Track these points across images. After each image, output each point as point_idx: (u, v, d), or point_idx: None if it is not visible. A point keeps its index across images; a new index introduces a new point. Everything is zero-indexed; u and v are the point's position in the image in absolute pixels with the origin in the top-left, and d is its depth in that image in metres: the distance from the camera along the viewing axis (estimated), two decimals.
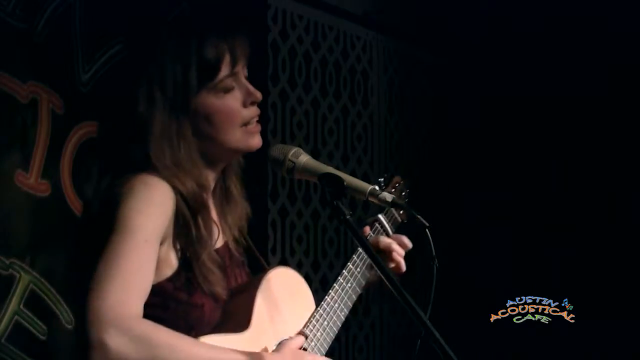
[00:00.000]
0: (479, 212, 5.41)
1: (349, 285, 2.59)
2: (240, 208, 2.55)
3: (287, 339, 2.37)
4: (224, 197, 2.52)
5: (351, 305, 2.57)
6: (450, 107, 5.83)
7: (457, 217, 5.47)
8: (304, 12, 5.11)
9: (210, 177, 2.46)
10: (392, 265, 2.66)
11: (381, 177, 2.76)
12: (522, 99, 5.50)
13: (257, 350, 2.31)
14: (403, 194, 2.89)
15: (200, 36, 2.39)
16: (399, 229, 2.80)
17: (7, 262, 3.60)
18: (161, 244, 2.28)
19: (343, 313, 2.54)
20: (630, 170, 5.21)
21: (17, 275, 3.61)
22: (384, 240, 2.68)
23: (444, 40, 5.72)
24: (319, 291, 2.58)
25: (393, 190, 2.85)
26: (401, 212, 2.82)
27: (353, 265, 2.63)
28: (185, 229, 2.32)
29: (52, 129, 3.76)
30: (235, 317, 2.36)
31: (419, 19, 5.68)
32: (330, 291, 2.55)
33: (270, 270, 2.48)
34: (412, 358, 2.31)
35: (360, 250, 2.63)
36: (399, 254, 2.66)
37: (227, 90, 2.38)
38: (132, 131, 2.36)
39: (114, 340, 2.07)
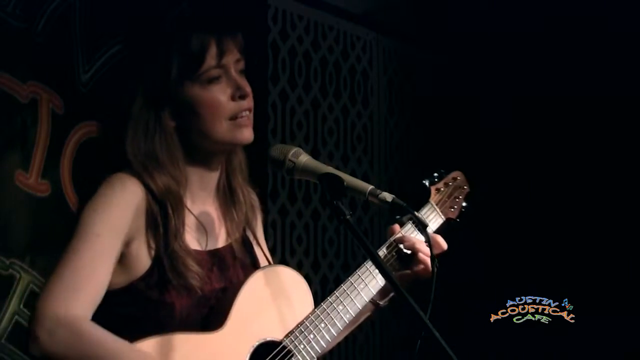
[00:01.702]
0: (479, 211, 5.39)
1: (362, 286, 2.52)
2: (247, 210, 2.55)
3: None
4: (229, 198, 2.53)
5: (360, 308, 2.51)
6: (450, 107, 5.83)
7: (457, 217, 5.45)
8: (304, 12, 5.11)
9: (210, 171, 2.47)
10: (420, 267, 2.54)
11: (436, 172, 2.76)
12: (522, 98, 5.50)
13: (226, 349, 2.31)
14: (462, 189, 2.81)
15: (186, 29, 2.41)
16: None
17: (7, 262, 3.60)
18: (129, 242, 2.33)
19: (348, 315, 2.49)
20: (631, 170, 5.21)
21: (17, 275, 3.61)
22: (409, 239, 2.58)
23: (444, 40, 5.72)
24: (319, 292, 2.56)
25: (447, 185, 2.77)
26: (451, 208, 2.76)
27: (370, 266, 2.54)
28: (155, 223, 2.35)
29: (52, 129, 3.76)
30: (216, 316, 2.37)
31: (419, 19, 5.68)
32: (335, 291, 2.51)
33: (260, 269, 2.48)
34: (412, 358, 2.30)
35: (385, 249, 2.57)
36: (424, 254, 2.54)
37: (213, 81, 2.39)
38: (119, 130, 2.39)
39: (46, 334, 2.20)
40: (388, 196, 2.29)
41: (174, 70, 2.38)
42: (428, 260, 2.53)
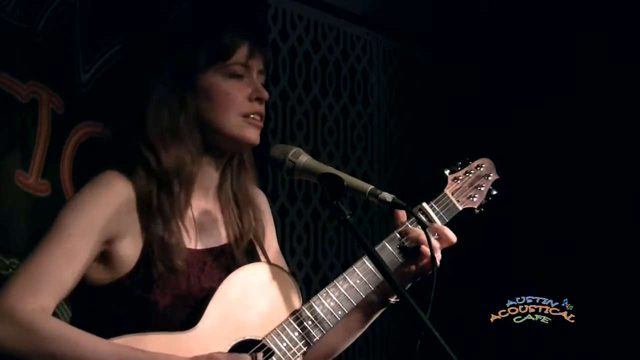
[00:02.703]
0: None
1: (357, 281, 2.50)
2: (253, 222, 2.54)
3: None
4: (233, 206, 2.52)
5: (354, 304, 2.47)
6: (450, 107, 5.83)
7: (457, 217, 5.44)
8: (304, 12, 5.11)
9: (211, 168, 2.46)
10: (424, 260, 2.48)
11: (460, 160, 2.72)
12: (522, 98, 5.50)
13: (199, 348, 2.29)
14: (488, 177, 2.78)
15: (221, 23, 2.46)
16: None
17: (7, 262, 3.60)
18: (112, 241, 2.31)
19: (340, 312, 2.46)
20: (630, 170, 5.21)
21: None
22: (412, 232, 2.52)
23: (444, 40, 5.71)
24: (318, 292, 2.54)
25: (467, 173, 2.72)
26: (471, 198, 2.71)
27: (367, 260, 2.52)
28: (149, 208, 2.34)
29: (52, 129, 3.76)
30: (196, 313, 2.35)
31: (419, 19, 5.68)
32: (326, 287, 2.48)
33: (241, 268, 2.45)
34: (412, 358, 2.29)
35: (387, 242, 2.53)
36: (427, 246, 2.45)
37: (234, 76, 2.42)
38: (131, 115, 2.40)
39: (1, 331, 2.17)
40: (388, 196, 2.29)
41: (201, 55, 2.40)
42: (429, 255, 2.47)
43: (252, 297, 2.42)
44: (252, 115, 2.42)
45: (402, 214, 2.55)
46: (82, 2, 3.87)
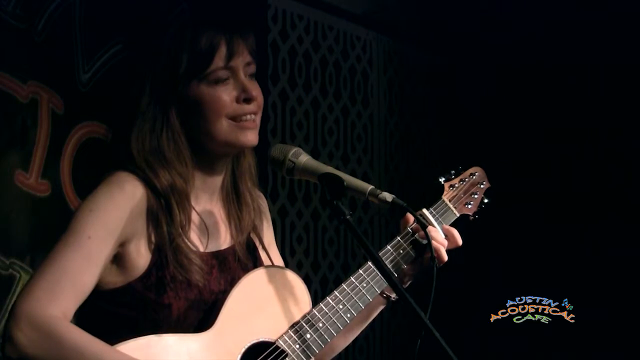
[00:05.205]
0: (479, 211, 5.37)
1: (364, 284, 2.49)
2: (254, 214, 2.53)
3: None
4: (235, 200, 2.51)
5: (362, 307, 2.48)
6: (450, 107, 5.83)
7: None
8: (304, 12, 5.11)
9: (214, 172, 2.45)
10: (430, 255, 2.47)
11: (453, 169, 2.75)
12: (521, 97, 5.51)
13: (215, 350, 2.30)
14: (481, 185, 2.80)
15: (196, 27, 2.39)
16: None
17: (7, 262, 3.60)
18: (125, 243, 2.31)
19: (349, 314, 2.46)
20: (631, 169, 5.22)
21: (17, 275, 3.61)
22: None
23: (444, 40, 5.72)
24: (319, 291, 2.54)
25: (462, 181, 2.75)
26: (467, 205, 2.75)
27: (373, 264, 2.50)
28: (157, 220, 2.33)
29: (52, 129, 3.76)
30: (209, 317, 2.35)
31: (419, 19, 5.68)
32: (335, 291, 2.48)
33: (253, 271, 2.45)
34: (412, 358, 2.29)
35: (389, 247, 2.53)
36: (439, 243, 2.52)
37: (219, 81, 2.37)
38: (125, 127, 2.38)
39: (23, 336, 2.17)
40: (388, 196, 2.29)
41: (181, 68, 2.36)
42: (441, 250, 2.52)
43: (264, 300, 2.42)
44: (243, 118, 2.39)
45: (411, 217, 2.56)
46: (82, 2, 3.87)
